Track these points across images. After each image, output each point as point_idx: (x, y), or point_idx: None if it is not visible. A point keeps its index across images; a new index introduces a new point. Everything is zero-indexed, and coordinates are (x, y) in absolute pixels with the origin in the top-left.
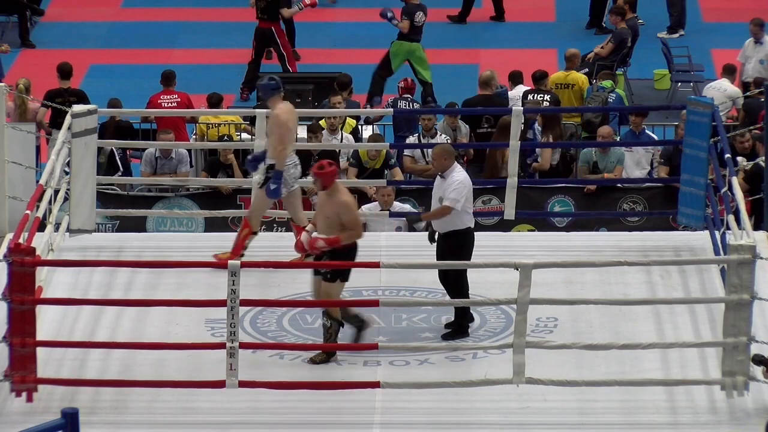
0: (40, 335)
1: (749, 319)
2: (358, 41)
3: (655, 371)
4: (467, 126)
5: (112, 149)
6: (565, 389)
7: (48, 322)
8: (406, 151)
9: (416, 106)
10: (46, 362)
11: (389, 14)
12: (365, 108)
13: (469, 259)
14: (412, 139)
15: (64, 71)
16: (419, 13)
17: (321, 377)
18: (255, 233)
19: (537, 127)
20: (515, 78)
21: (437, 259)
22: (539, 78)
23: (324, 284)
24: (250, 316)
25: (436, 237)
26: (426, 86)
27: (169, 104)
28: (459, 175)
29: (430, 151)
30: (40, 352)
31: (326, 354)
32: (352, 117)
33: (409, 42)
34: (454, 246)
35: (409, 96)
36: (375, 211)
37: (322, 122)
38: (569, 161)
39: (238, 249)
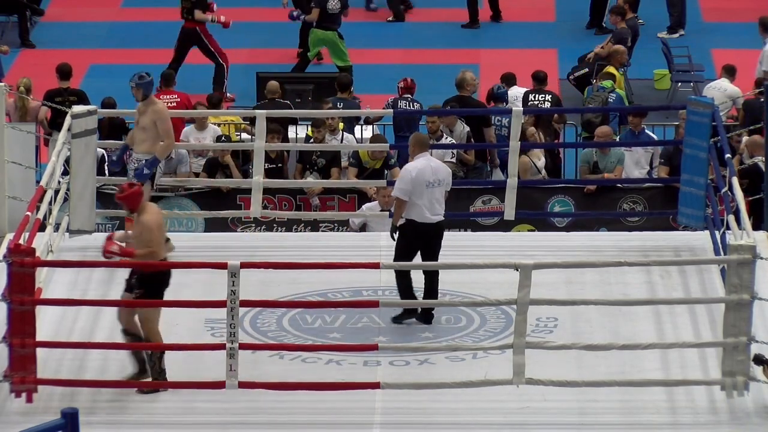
0: (40, 335)
1: (749, 319)
2: (359, 41)
3: (655, 371)
4: (466, 127)
5: (103, 154)
6: (565, 389)
7: (47, 322)
8: None
9: (416, 106)
10: (46, 362)
11: (295, 13)
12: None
13: (405, 251)
14: None
15: (64, 71)
16: (332, 0)
17: (321, 378)
18: None
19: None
20: (509, 80)
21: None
22: (542, 79)
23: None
24: (250, 316)
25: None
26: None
27: (168, 104)
28: (411, 164)
29: (434, 152)
30: (40, 352)
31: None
32: (348, 117)
33: (322, 30)
34: (398, 234)
35: (409, 96)
36: (375, 211)
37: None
38: (555, 158)
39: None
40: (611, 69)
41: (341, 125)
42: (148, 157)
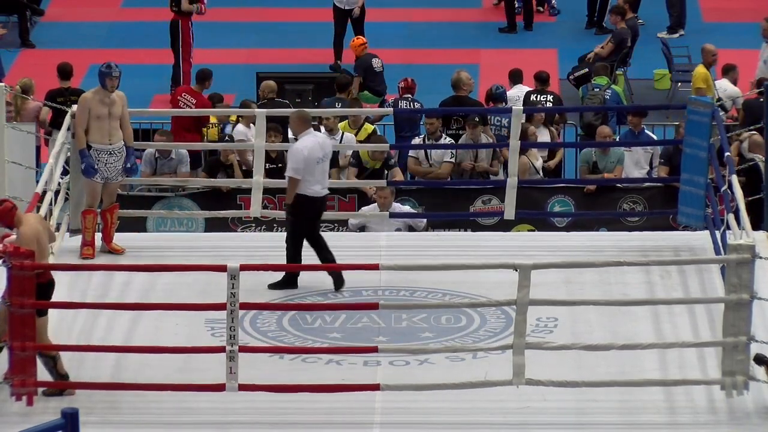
0: None
1: (749, 318)
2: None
3: (655, 371)
4: (491, 138)
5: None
6: (564, 389)
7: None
8: (411, 153)
9: (417, 106)
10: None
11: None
12: None
13: (302, 224)
14: (417, 140)
15: (65, 71)
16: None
17: (321, 379)
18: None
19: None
20: (515, 77)
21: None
22: (545, 79)
23: None
24: (250, 316)
25: None
26: None
27: (185, 105)
28: (300, 142)
29: (433, 152)
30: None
31: (57, 389)
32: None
33: None
34: (292, 211)
35: (409, 96)
36: (374, 212)
37: (342, 125)
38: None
39: (106, 237)
40: (701, 68)
41: (371, 128)
42: (123, 147)
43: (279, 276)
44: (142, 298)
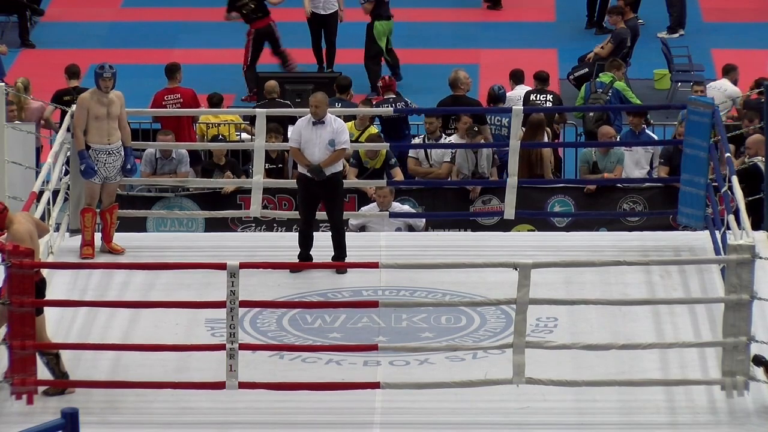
0: None
1: (749, 318)
2: (359, 41)
3: (655, 371)
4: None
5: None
6: (564, 389)
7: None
8: (410, 153)
9: (402, 104)
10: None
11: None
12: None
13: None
14: (417, 140)
15: (72, 72)
16: None
17: (321, 378)
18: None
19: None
20: (517, 77)
21: (324, 202)
22: (545, 79)
23: None
24: (250, 316)
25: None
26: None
27: (173, 104)
28: (338, 118)
29: (433, 152)
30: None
31: (59, 388)
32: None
33: (385, 21)
34: (339, 186)
35: (392, 95)
36: (374, 212)
37: (349, 125)
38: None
39: (106, 237)
40: None
41: (375, 130)
42: (122, 147)
43: None
44: (141, 298)
